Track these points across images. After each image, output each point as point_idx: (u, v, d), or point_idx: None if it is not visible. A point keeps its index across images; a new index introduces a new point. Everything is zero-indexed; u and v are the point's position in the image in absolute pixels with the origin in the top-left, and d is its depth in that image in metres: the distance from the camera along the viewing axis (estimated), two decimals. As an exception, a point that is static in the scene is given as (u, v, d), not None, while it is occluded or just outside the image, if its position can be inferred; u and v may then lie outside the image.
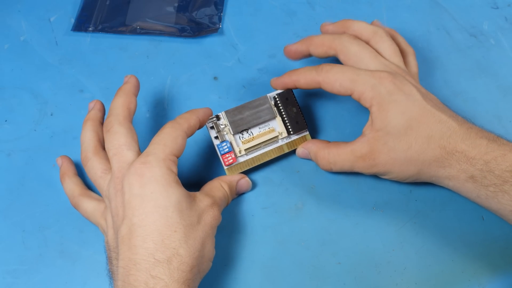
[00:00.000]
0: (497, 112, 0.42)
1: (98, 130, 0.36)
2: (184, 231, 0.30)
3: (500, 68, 0.45)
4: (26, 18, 0.47)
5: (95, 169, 0.34)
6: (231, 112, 0.37)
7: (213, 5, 0.48)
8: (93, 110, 0.37)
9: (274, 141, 0.38)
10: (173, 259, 0.29)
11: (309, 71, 0.36)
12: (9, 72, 0.44)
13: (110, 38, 0.46)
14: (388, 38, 0.38)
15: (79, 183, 0.37)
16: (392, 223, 0.38)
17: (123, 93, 0.36)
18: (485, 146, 0.33)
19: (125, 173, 0.31)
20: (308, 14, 0.48)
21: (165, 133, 0.33)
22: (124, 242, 0.30)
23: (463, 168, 0.33)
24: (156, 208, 0.30)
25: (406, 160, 0.34)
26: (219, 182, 0.36)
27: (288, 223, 0.38)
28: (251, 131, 0.38)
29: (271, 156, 0.38)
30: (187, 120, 0.34)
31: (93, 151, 0.35)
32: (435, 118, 0.34)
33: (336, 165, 0.36)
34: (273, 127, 0.38)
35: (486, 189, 0.33)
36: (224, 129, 0.37)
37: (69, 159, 0.39)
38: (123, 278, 0.29)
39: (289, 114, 0.38)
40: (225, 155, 0.37)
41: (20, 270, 0.36)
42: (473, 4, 0.49)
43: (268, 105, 0.38)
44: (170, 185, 0.31)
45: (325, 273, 0.36)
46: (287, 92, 0.38)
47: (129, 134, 0.33)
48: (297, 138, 0.39)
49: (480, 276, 0.35)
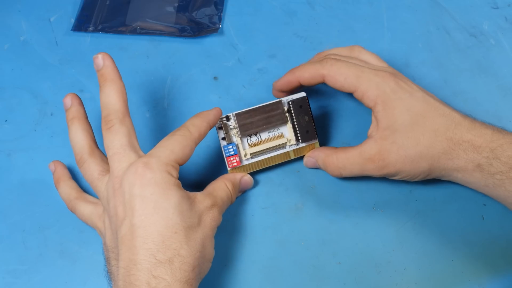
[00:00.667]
0: (497, 112, 0.42)
1: (87, 127, 0.36)
2: (184, 232, 0.30)
3: (500, 68, 0.45)
4: (26, 18, 0.47)
5: (91, 170, 0.34)
6: (241, 115, 0.36)
7: (213, 5, 0.48)
8: (74, 106, 0.36)
9: (281, 147, 0.38)
10: (174, 259, 0.29)
11: (313, 65, 0.36)
12: (9, 72, 0.44)
13: (110, 38, 0.46)
14: (366, 50, 0.38)
15: (75, 187, 0.37)
16: (392, 223, 0.38)
17: (111, 81, 0.34)
18: (490, 135, 0.33)
19: (126, 172, 0.31)
20: (308, 14, 0.48)
21: (175, 139, 0.33)
22: (124, 243, 0.30)
23: (470, 157, 0.33)
24: (156, 209, 0.30)
25: (416, 156, 0.34)
26: (224, 181, 0.36)
27: (288, 223, 0.38)
28: (259, 135, 0.37)
29: (276, 162, 0.38)
30: (198, 129, 0.34)
31: (89, 152, 0.35)
32: (438, 111, 0.34)
33: (346, 169, 0.36)
34: (282, 133, 0.38)
35: (493, 177, 0.33)
36: (232, 131, 0.37)
37: (62, 163, 0.39)
38: (124, 278, 0.29)
39: (300, 122, 0.37)
40: (230, 157, 0.37)
41: (20, 270, 0.36)
42: (473, 4, 0.49)
43: (280, 110, 0.37)
44: (170, 188, 0.31)
45: (325, 273, 0.36)
46: (302, 100, 0.37)
47: (130, 133, 0.33)
48: (305, 146, 0.38)
49: (480, 276, 0.35)
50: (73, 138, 0.35)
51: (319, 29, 0.47)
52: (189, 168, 0.40)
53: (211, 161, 0.40)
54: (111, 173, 0.32)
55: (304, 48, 0.46)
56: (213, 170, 0.40)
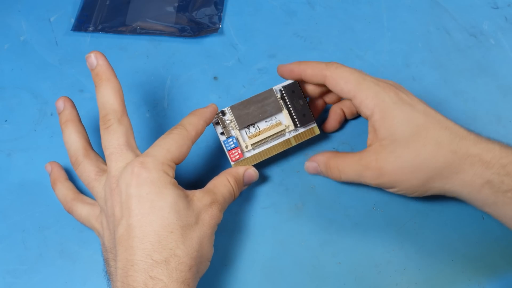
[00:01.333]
0: (497, 112, 0.42)
1: (81, 129, 0.36)
2: (181, 231, 0.30)
3: (500, 68, 0.45)
4: (26, 18, 0.47)
5: (87, 172, 0.34)
6: (236, 107, 0.37)
7: (213, 5, 0.48)
8: (67, 109, 0.36)
9: (281, 135, 0.38)
10: (170, 259, 0.29)
11: (319, 64, 0.36)
12: (9, 72, 0.44)
13: (110, 38, 0.46)
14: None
15: (72, 188, 0.37)
16: (392, 223, 0.38)
17: (107, 80, 0.34)
18: (498, 150, 0.32)
19: (122, 172, 0.31)
20: (308, 14, 0.48)
21: (171, 138, 0.33)
22: (122, 243, 0.30)
23: (478, 172, 0.32)
24: (152, 209, 0.30)
25: (414, 168, 0.33)
26: (226, 176, 0.35)
27: (288, 223, 0.38)
28: (257, 125, 0.37)
29: (278, 150, 0.38)
30: (195, 127, 0.34)
31: (84, 153, 0.34)
32: (441, 124, 0.33)
33: (344, 174, 0.35)
34: (279, 121, 0.38)
35: (504, 194, 0.31)
36: (230, 125, 0.37)
37: (59, 164, 0.39)
38: (122, 279, 0.29)
39: (295, 107, 0.37)
40: (232, 151, 0.36)
41: (20, 270, 0.36)
42: (473, 4, 0.48)
43: (274, 98, 0.37)
44: (166, 187, 0.31)
45: (325, 273, 0.36)
46: (293, 85, 0.37)
47: (128, 133, 0.33)
48: (305, 131, 0.38)
49: (480, 276, 0.35)
50: (67, 140, 0.35)
51: (319, 29, 0.47)
52: (190, 169, 0.40)
53: (213, 161, 0.40)
54: (109, 173, 0.32)
55: (304, 48, 0.46)
56: (215, 169, 0.40)
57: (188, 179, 0.39)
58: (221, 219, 0.33)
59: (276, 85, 0.38)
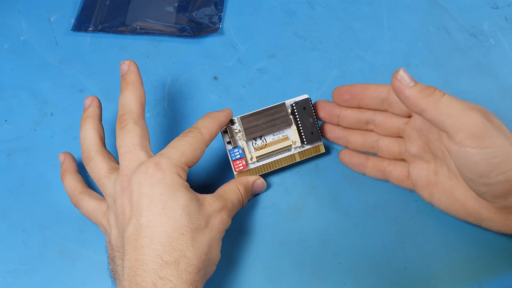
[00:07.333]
0: (497, 112, 0.42)
1: (99, 127, 0.36)
2: (191, 234, 0.30)
3: (500, 68, 0.45)
4: (26, 18, 0.47)
5: (99, 168, 0.34)
6: (246, 118, 0.36)
7: (213, 5, 0.48)
8: (91, 107, 0.37)
9: (286, 150, 0.38)
10: (180, 261, 0.29)
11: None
12: (9, 72, 0.44)
13: (110, 38, 0.46)
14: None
15: (81, 181, 0.37)
16: (392, 223, 0.38)
17: (132, 86, 0.35)
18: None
19: (135, 171, 0.31)
20: (308, 14, 0.48)
21: (186, 141, 0.33)
22: (131, 242, 0.29)
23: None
24: (164, 210, 0.30)
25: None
26: (236, 184, 0.36)
27: (288, 223, 0.38)
28: (264, 138, 0.37)
29: (282, 164, 0.38)
30: (210, 131, 0.34)
31: (96, 150, 0.34)
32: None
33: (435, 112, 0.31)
34: (287, 135, 0.38)
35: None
36: (237, 135, 0.37)
37: (72, 156, 0.38)
38: (130, 278, 0.29)
39: (304, 124, 0.37)
40: (236, 161, 0.36)
41: (20, 270, 0.36)
42: (473, 4, 0.49)
43: (284, 112, 0.37)
44: (178, 189, 0.31)
45: (325, 273, 0.36)
46: (305, 101, 0.37)
47: (143, 134, 0.33)
48: (310, 148, 0.38)
49: (480, 276, 0.35)
50: (82, 135, 0.35)
51: (319, 29, 0.47)
52: (196, 171, 0.40)
53: (218, 164, 0.40)
54: (121, 171, 0.32)
55: (304, 48, 0.46)
56: (219, 173, 0.40)
57: (189, 180, 0.39)
58: (229, 225, 0.33)
59: (286, 97, 0.38)
